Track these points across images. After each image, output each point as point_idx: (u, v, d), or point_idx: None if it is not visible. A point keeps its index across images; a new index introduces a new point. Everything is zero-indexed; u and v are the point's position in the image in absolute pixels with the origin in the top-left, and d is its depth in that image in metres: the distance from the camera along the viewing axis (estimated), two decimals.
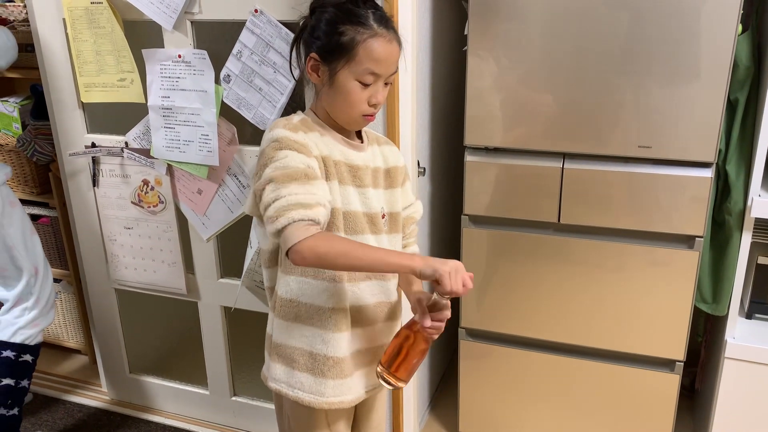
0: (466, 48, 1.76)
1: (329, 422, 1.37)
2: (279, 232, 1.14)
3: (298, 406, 1.34)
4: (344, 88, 1.21)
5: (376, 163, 1.33)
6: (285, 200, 1.13)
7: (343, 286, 1.27)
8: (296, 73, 1.35)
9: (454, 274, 1.12)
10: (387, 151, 1.37)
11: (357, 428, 1.49)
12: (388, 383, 1.26)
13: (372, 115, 1.25)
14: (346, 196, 1.26)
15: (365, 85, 1.20)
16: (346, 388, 1.32)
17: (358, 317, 1.31)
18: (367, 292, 1.30)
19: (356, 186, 1.27)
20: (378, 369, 1.27)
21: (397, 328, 1.39)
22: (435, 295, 1.21)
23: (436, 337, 1.25)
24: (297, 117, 1.27)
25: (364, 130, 1.35)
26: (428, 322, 1.22)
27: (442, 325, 1.23)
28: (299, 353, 1.30)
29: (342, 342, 1.29)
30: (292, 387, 1.32)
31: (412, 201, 1.44)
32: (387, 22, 1.21)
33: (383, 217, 1.32)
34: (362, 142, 1.32)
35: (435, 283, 1.14)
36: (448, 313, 1.23)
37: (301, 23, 1.27)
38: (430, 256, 1.17)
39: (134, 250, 2.11)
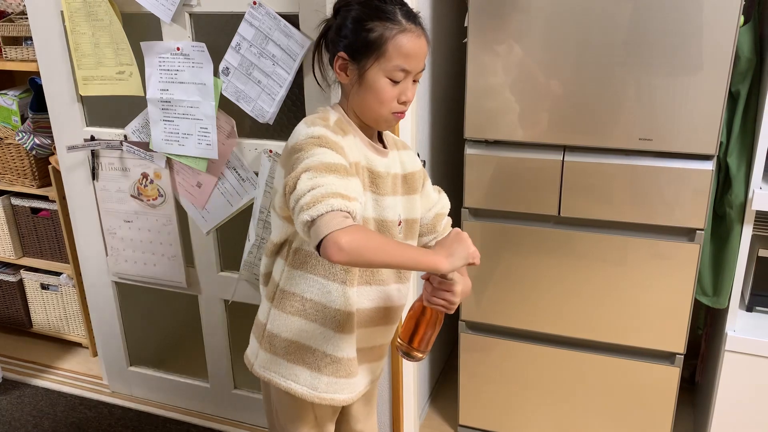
0: (466, 40, 1.75)
1: (316, 415, 1.37)
2: (313, 221, 1.06)
3: (287, 397, 1.34)
4: (374, 86, 1.19)
5: (395, 169, 1.31)
6: (324, 189, 1.07)
7: (352, 290, 1.26)
8: (323, 77, 1.32)
9: (476, 251, 1.18)
10: (405, 156, 1.36)
11: (348, 422, 1.50)
12: (408, 355, 1.30)
13: (402, 113, 1.24)
14: (365, 202, 1.24)
15: (395, 82, 1.19)
16: (340, 387, 1.32)
17: (357, 320, 1.30)
18: (364, 297, 1.30)
19: (372, 192, 1.26)
20: (397, 342, 1.30)
21: (393, 330, 1.40)
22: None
23: (444, 308, 1.24)
24: (333, 116, 1.24)
25: (385, 133, 1.34)
26: (430, 285, 1.24)
27: (447, 293, 1.21)
28: (296, 346, 1.30)
29: (342, 342, 1.29)
30: (285, 377, 1.31)
31: (436, 199, 1.43)
32: (415, 17, 1.20)
33: (399, 225, 1.31)
34: (384, 147, 1.31)
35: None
36: (454, 284, 1.21)
37: (323, 26, 1.26)
38: (446, 245, 1.16)
39: (134, 243, 2.10)
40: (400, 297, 1.36)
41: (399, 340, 1.30)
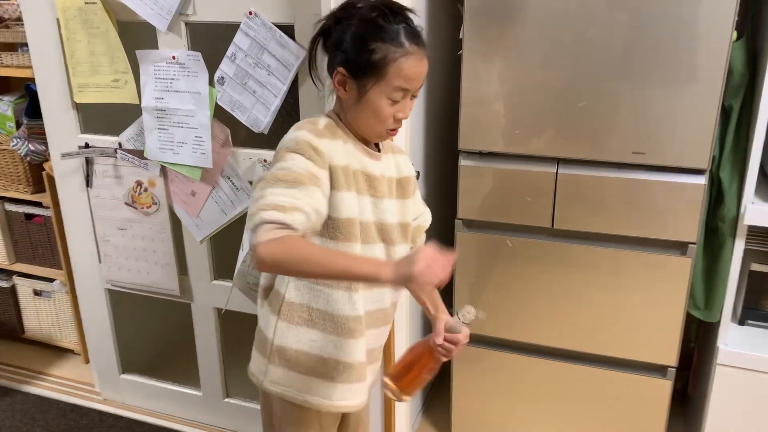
0: (461, 52, 1.75)
1: (321, 424, 1.37)
2: (253, 231, 1.09)
3: (290, 407, 1.34)
4: (373, 106, 1.19)
5: (390, 172, 1.32)
6: (263, 200, 1.10)
7: (358, 294, 1.26)
8: (319, 78, 1.33)
9: (428, 271, 1.03)
10: (401, 160, 1.36)
11: (347, 427, 1.49)
12: (391, 392, 1.28)
13: (396, 130, 1.24)
14: (360, 205, 1.24)
15: (394, 102, 1.19)
16: (353, 392, 1.33)
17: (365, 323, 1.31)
18: (369, 300, 1.30)
19: (371, 196, 1.26)
20: (385, 379, 1.29)
21: (388, 331, 1.40)
22: (454, 319, 1.25)
23: (445, 359, 1.27)
24: (323, 121, 1.24)
25: None
26: (439, 340, 1.23)
27: (455, 348, 1.25)
28: (307, 357, 1.29)
29: (353, 348, 1.29)
30: (299, 390, 1.31)
31: (421, 210, 1.44)
32: (418, 38, 1.19)
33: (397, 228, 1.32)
34: (379, 151, 1.31)
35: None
36: (461, 337, 1.25)
37: (320, 26, 1.24)
38: (403, 259, 1.07)
39: (128, 250, 2.10)
40: (393, 295, 1.36)
41: (387, 378, 1.29)
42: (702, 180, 1.66)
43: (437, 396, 2.42)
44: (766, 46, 1.59)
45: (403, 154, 1.40)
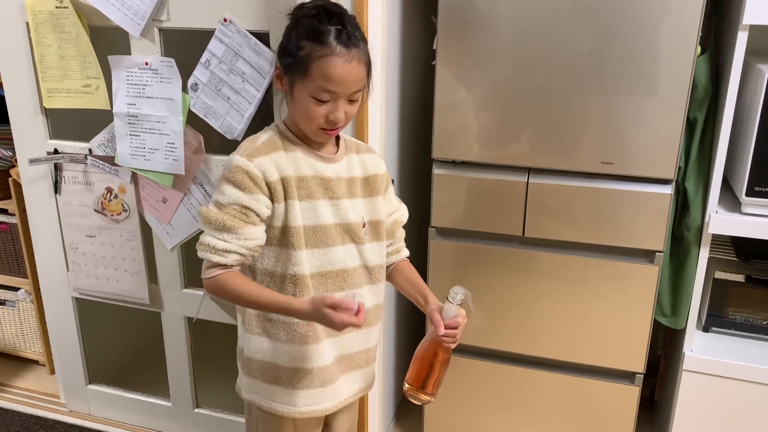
0: (434, 62, 1.78)
1: (296, 428, 1.38)
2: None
3: (265, 415, 1.36)
4: (300, 103, 1.22)
5: (352, 172, 1.32)
6: (203, 238, 1.23)
7: None
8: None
9: (329, 321, 1.15)
10: (367, 159, 1.37)
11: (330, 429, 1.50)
12: (419, 400, 1.30)
13: (331, 130, 1.24)
14: (314, 210, 1.26)
15: (322, 101, 1.20)
16: (318, 397, 1.33)
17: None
18: None
19: (329, 198, 1.27)
20: (405, 388, 1.30)
21: (372, 333, 1.40)
22: (446, 304, 1.25)
23: (453, 345, 1.28)
24: (264, 136, 1.28)
25: (344, 138, 1.35)
26: (441, 330, 1.25)
27: (457, 331, 1.26)
28: (268, 366, 1.32)
29: (310, 354, 1.30)
30: (265, 398, 1.34)
31: (397, 206, 1.45)
32: (349, 40, 1.18)
33: (364, 227, 1.32)
34: (337, 152, 1.32)
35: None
36: (460, 319, 1.26)
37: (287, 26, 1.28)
38: (318, 301, 1.18)
39: (96, 258, 2.07)
40: (372, 297, 1.37)
41: (408, 385, 1.30)
42: (668, 190, 1.70)
43: (409, 403, 2.42)
44: (729, 61, 1.65)
45: (372, 152, 1.41)
